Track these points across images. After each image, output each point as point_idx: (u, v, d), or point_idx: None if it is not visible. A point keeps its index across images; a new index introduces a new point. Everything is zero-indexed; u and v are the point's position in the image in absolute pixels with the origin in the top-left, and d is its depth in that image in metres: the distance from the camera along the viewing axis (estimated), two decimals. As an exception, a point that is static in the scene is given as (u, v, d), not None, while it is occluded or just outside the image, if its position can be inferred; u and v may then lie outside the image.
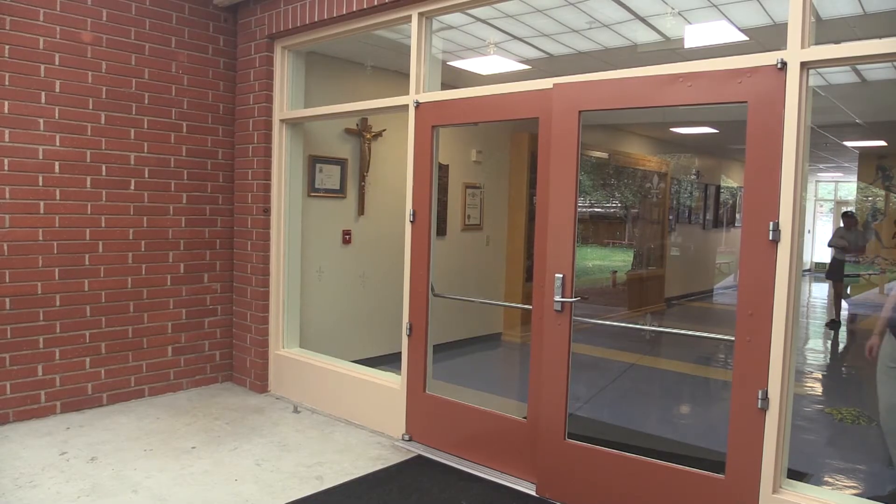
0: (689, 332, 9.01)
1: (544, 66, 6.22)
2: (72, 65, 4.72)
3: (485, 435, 4.06)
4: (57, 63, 4.65)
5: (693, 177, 12.43)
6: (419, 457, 4.21)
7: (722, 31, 5.12)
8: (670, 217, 11.49)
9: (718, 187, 13.31)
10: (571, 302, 3.59)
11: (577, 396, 4.78)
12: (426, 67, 4.41)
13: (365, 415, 4.76)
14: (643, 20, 4.98)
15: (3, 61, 4.43)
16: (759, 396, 2.98)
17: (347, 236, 6.31)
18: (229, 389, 5.55)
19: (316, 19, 4.85)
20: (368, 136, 6.39)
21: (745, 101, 3.02)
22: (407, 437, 4.42)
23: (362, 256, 6.41)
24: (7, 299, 4.52)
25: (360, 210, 6.41)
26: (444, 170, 6.99)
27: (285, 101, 5.38)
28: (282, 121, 5.39)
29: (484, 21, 5.25)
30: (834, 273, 9.83)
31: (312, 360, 5.25)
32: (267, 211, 5.43)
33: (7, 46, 4.43)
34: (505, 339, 8.04)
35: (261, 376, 5.48)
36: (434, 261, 4.36)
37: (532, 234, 3.98)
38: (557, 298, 3.57)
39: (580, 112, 3.52)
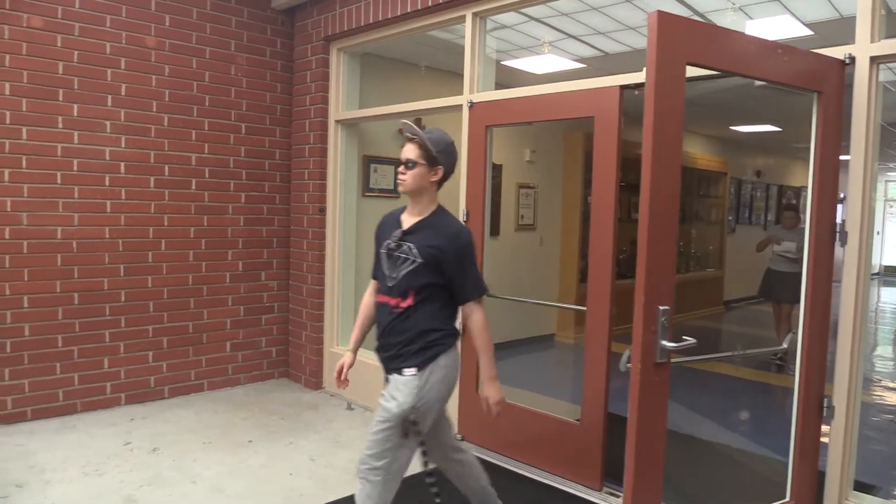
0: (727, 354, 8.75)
1: (600, 64, 6.14)
2: (136, 69, 4.89)
3: (537, 436, 4.02)
4: (123, 67, 4.82)
5: (754, 176, 12.08)
6: (471, 456, 4.20)
7: (786, 26, 4.96)
8: (729, 217, 11.19)
9: (781, 187, 12.91)
10: (681, 348, 2.48)
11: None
12: (480, 67, 4.41)
13: (417, 413, 4.77)
14: (702, 16, 4.87)
15: (72, 66, 4.61)
16: (824, 405, 2.87)
17: (401, 236, 6.34)
18: (285, 385, 5.66)
19: (371, 21, 4.90)
20: (422, 136, 6.40)
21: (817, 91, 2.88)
22: (459, 437, 4.42)
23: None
24: (76, 294, 4.71)
25: (414, 210, 6.42)
26: (497, 169, 6.97)
27: (340, 102, 5.45)
28: (337, 121, 5.46)
29: (538, 20, 5.21)
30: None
31: (366, 359, 5.27)
32: (322, 210, 5.51)
33: (76, 52, 4.62)
34: (558, 340, 7.97)
35: (315, 373, 5.56)
36: (487, 261, 4.35)
37: (587, 235, 3.92)
38: (666, 344, 2.43)
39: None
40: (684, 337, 2.48)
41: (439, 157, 2.63)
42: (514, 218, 7.43)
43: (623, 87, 3.58)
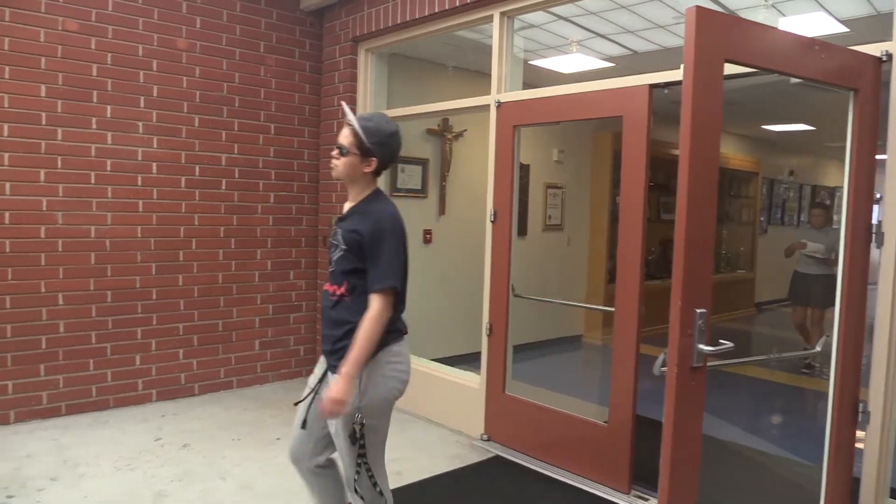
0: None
1: (629, 63, 6.09)
2: (168, 70, 4.96)
3: (564, 438, 4.00)
4: (154, 69, 4.90)
5: (787, 176, 11.87)
6: (497, 457, 4.20)
7: (820, 23, 4.87)
8: (761, 218, 11.02)
9: (815, 187, 12.67)
10: (718, 352, 2.45)
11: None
12: (507, 67, 4.39)
13: (443, 413, 4.78)
14: (734, 13, 4.80)
15: (106, 68, 4.70)
16: (859, 409, 2.81)
17: (428, 236, 6.37)
18: (312, 384, 5.69)
19: (399, 21, 4.91)
20: (450, 136, 6.42)
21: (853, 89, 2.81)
22: (485, 437, 4.42)
23: (442, 256, 6.44)
24: (108, 292, 4.80)
25: (441, 210, 6.45)
26: (525, 169, 6.94)
27: (369, 103, 5.47)
28: (365, 122, 5.47)
29: (566, 19, 5.18)
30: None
31: (392, 358, 5.30)
32: (350, 210, 5.53)
33: (110, 54, 4.70)
34: (585, 341, 7.92)
35: (343, 372, 5.59)
36: (514, 261, 4.34)
37: (615, 235, 3.89)
38: (703, 348, 2.36)
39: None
40: (721, 340, 2.43)
41: (373, 149, 2.43)
42: (541, 218, 7.40)
43: (652, 87, 3.55)
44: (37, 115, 4.46)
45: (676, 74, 3.36)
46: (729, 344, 2.43)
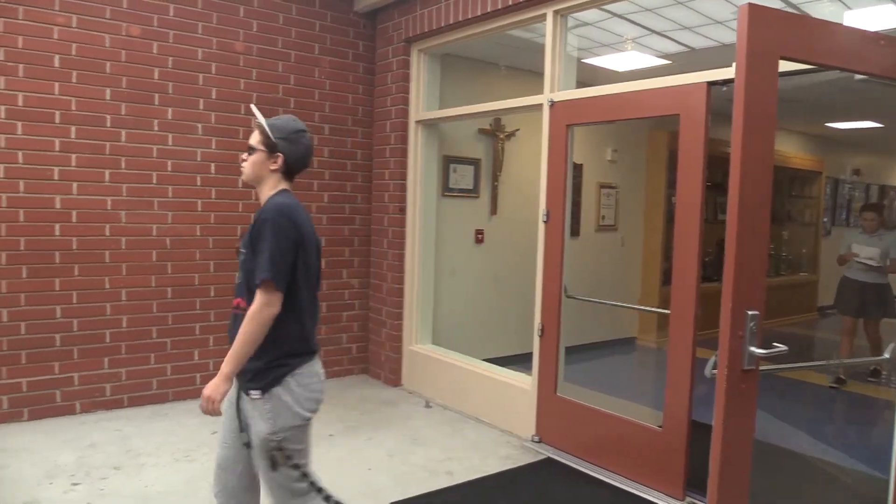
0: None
1: (686, 60, 5.96)
2: (226, 73, 5.08)
3: (617, 441, 3.94)
4: (213, 72, 5.03)
5: (852, 175, 11.43)
6: (548, 459, 4.16)
7: (890, 16, 4.67)
8: (824, 219, 10.64)
9: (883, 186, 12.17)
10: (771, 355, 2.36)
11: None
12: (561, 66, 4.35)
13: (494, 414, 4.77)
14: (797, 8, 4.65)
15: (167, 72, 4.85)
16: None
17: (480, 236, 6.36)
18: (365, 382, 5.76)
19: (451, 21, 4.92)
20: (502, 135, 6.40)
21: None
22: (536, 439, 4.39)
23: (494, 256, 6.43)
24: (168, 289, 4.94)
25: (493, 210, 6.43)
26: (578, 169, 6.87)
27: (421, 103, 5.50)
28: (417, 122, 5.51)
29: (621, 16, 5.10)
30: None
31: (444, 357, 5.33)
32: (402, 210, 5.58)
33: (170, 58, 4.85)
34: (639, 344, 7.78)
35: (394, 370, 5.64)
36: (567, 261, 4.30)
37: (670, 236, 3.81)
38: (755, 350, 2.29)
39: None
40: (774, 344, 2.35)
41: (279, 144, 2.38)
42: (594, 218, 7.31)
43: (710, 84, 3.46)
44: (102, 118, 4.63)
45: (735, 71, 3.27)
46: (782, 347, 2.35)
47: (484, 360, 5.26)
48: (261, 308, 2.17)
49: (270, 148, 2.40)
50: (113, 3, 4.62)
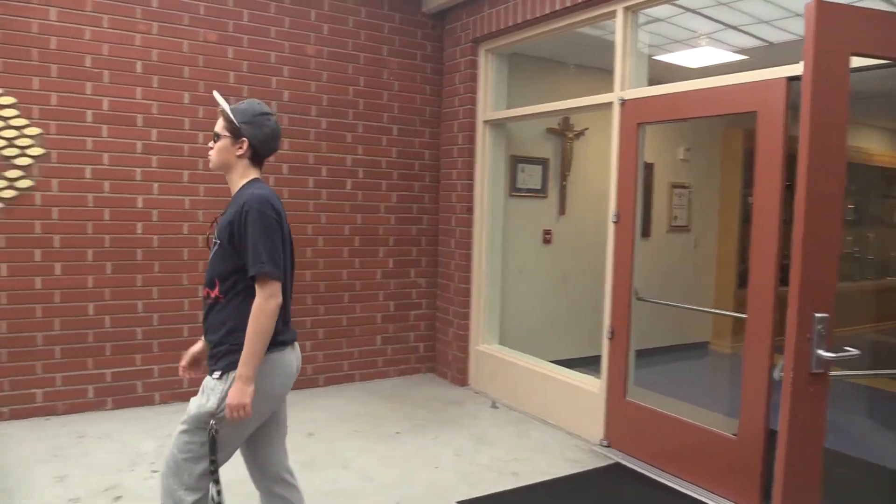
0: None
1: (763, 55, 5.74)
2: (298, 76, 5.20)
3: (689, 448, 3.83)
4: (285, 75, 5.15)
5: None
6: (617, 464, 4.08)
7: None
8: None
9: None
10: (841, 359, 2.28)
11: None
12: (631, 63, 4.27)
13: (561, 416, 4.71)
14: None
15: (242, 75, 4.99)
16: None
17: (548, 236, 6.30)
18: (431, 380, 5.79)
19: (519, 21, 4.89)
20: (570, 135, 6.33)
21: None
22: (605, 443, 4.31)
23: (563, 256, 6.36)
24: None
25: (562, 210, 6.36)
26: (649, 168, 6.72)
27: (488, 103, 5.49)
28: (485, 122, 5.51)
29: (694, 11, 4.96)
30: None
31: (511, 358, 5.30)
32: (470, 210, 5.58)
33: (245, 62, 5.00)
34: (712, 348, 7.55)
35: (461, 370, 5.64)
36: (638, 263, 4.21)
37: (746, 238, 3.67)
38: (824, 353, 2.24)
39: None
40: (845, 348, 2.27)
41: (243, 129, 2.34)
42: (666, 219, 7.13)
43: (790, 79, 3.32)
44: (181, 121, 4.81)
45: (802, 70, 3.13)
46: (853, 351, 2.26)
47: (552, 361, 5.21)
48: (266, 300, 2.17)
49: (234, 133, 2.36)
50: (191, 10, 4.80)
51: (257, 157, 2.41)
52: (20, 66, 4.35)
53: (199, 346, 2.57)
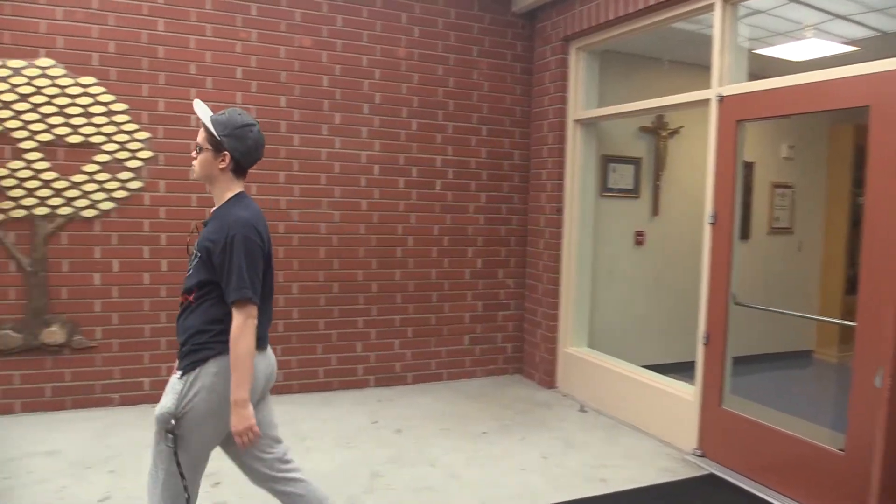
0: None
1: (877, 45, 5.39)
2: (389, 78, 5.29)
3: (790, 462, 3.64)
4: (377, 77, 5.25)
5: None
6: (711, 475, 3.93)
7: None
8: None
9: None
10: None
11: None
12: (730, 58, 4.10)
13: (653, 423, 4.58)
14: None
15: (335, 79, 5.13)
16: None
17: (640, 237, 6.14)
18: (518, 382, 5.75)
19: (611, 17, 4.79)
20: (664, 133, 6.15)
21: None
22: (699, 453, 4.16)
23: (655, 258, 6.19)
24: (335, 284, 5.23)
25: (655, 210, 6.19)
26: (748, 167, 6.43)
27: (579, 102, 5.41)
28: (575, 121, 5.43)
29: (799, 1, 4.71)
30: None
31: (600, 361, 5.20)
32: (559, 210, 5.51)
33: (338, 66, 5.13)
34: (817, 358, 7.14)
35: (549, 372, 5.58)
36: (736, 266, 4.04)
37: (856, 241, 3.45)
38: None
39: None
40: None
41: (224, 142, 2.31)
42: (766, 220, 6.81)
43: (908, 69, 3.10)
44: (277, 124, 4.99)
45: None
46: None
47: (642, 366, 5.07)
48: (245, 322, 2.21)
49: (216, 146, 2.34)
50: (287, 17, 4.97)
51: (240, 169, 2.41)
52: (131, 75, 4.64)
53: None
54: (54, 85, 4.46)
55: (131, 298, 4.73)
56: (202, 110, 2.39)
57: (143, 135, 4.68)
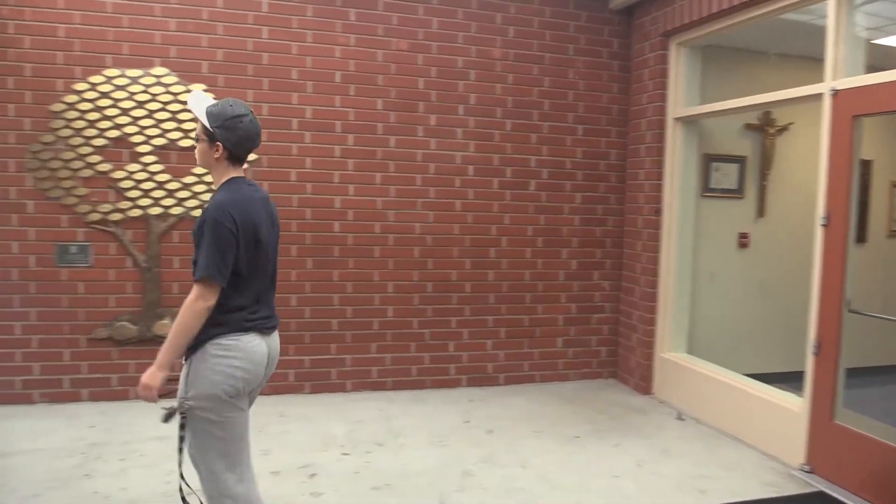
0: None
1: None
2: (484, 79, 5.31)
3: (910, 480, 3.38)
4: (472, 79, 5.28)
5: None
6: (821, 493, 3.70)
7: None
8: None
9: None
10: None
11: None
12: (845, 49, 3.85)
13: (756, 435, 4.37)
14: None
15: (431, 81, 5.20)
16: None
17: (744, 239, 5.88)
18: (612, 386, 5.63)
19: (714, 10, 4.61)
20: (772, 130, 5.85)
21: None
22: (806, 468, 3.93)
23: (761, 262, 5.89)
24: (429, 283, 5.29)
25: (760, 211, 5.90)
26: (865, 166, 6.02)
27: (679, 99, 5.23)
28: (675, 119, 5.25)
29: (928, -15, 4.37)
30: None
31: (700, 368, 5.01)
32: (658, 211, 5.35)
33: (434, 68, 5.20)
34: (943, 371, 6.61)
35: (645, 377, 5.43)
36: (851, 271, 3.79)
37: None
38: None
39: None
40: None
41: (216, 133, 2.40)
42: (886, 222, 6.36)
43: None
44: (374, 126, 5.10)
45: None
46: None
47: (745, 374, 4.84)
48: (195, 300, 2.30)
49: (210, 137, 2.45)
50: (384, 21, 5.07)
51: (234, 158, 2.50)
52: (237, 81, 4.86)
53: None
54: (168, 92, 4.75)
55: (236, 294, 4.95)
56: (196, 103, 2.51)
57: (249, 138, 4.89)
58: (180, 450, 2.44)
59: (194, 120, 2.61)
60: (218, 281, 2.31)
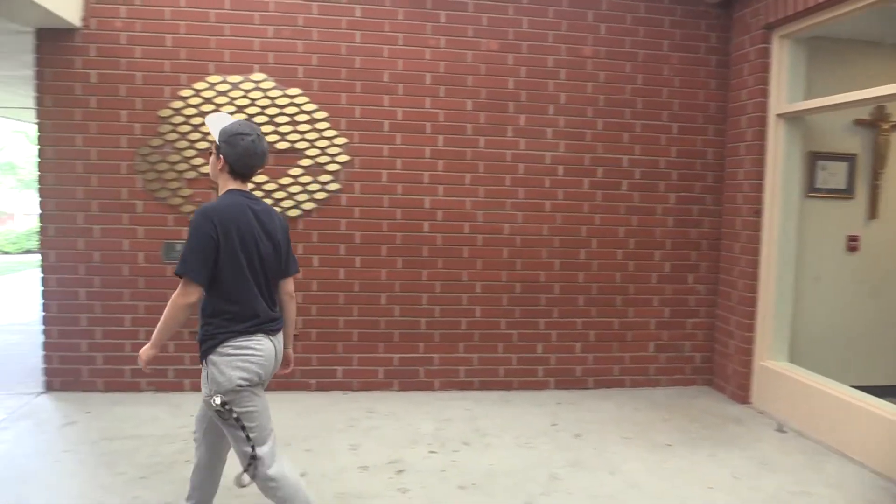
0: None
1: None
2: (574, 78, 5.24)
3: None
4: (562, 78, 5.22)
5: None
6: (938, 513, 3.44)
7: None
8: None
9: None
10: None
11: None
12: (973, 35, 3.56)
13: (864, 451, 4.09)
14: None
15: (520, 80, 5.18)
16: None
17: (854, 242, 5.53)
18: (707, 394, 5.42)
19: (822, 0, 4.36)
20: (885, 126, 5.48)
21: None
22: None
23: (872, 266, 5.53)
24: (517, 284, 5.27)
25: (872, 213, 5.54)
26: None
27: (782, 95, 4.98)
28: (778, 116, 5.01)
29: None
30: None
31: (803, 378, 4.75)
32: (757, 212, 5.12)
33: (523, 68, 5.19)
34: None
35: (742, 386, 5.20)
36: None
37: None
38: None
39: None
40: None
41: (221, 147, 2.66)
42: None
43: None
44: (463, 127, 5.13)
45: None
46: None
47: (853, 386, 4.55)
48: (176, 296, 2.55)
49: (217, 150, 2.70)
50: (475, 22, 5.09)
51: (235, 172, 2.70)
52: (331, 85, 5.01)
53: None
54: (266, 97, 4.95)
55: (328, 292, 5.10)
56: (214, 123, 2.78)
57: (341, 140, 5.03)
58: (247, 440, 2.62)
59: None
60: (192, 277, 2.53)
